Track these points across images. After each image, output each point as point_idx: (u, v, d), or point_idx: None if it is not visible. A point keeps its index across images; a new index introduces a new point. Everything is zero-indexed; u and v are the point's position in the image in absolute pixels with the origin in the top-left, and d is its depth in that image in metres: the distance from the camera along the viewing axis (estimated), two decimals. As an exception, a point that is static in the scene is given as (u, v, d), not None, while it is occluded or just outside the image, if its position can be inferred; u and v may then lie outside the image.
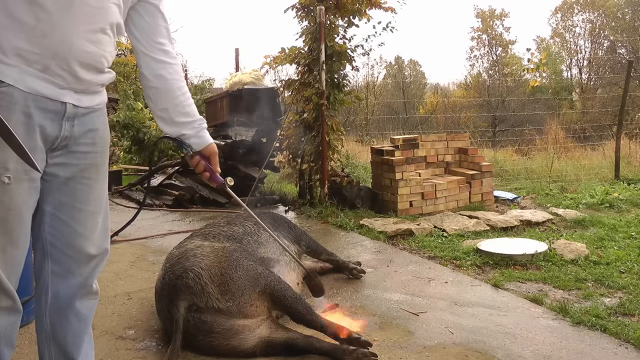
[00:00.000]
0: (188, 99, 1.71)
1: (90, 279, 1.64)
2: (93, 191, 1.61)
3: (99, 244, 1.64)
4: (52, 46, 1.39)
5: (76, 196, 1.56)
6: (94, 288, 1.68)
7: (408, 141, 5.61)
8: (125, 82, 13.35)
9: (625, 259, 3.62)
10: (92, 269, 1.64)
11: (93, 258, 1.63)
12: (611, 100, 17.55)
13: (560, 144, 9.81)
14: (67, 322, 1.61)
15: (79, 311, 1.63)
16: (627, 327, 2.51)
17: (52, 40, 1.38)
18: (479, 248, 3.83)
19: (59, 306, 1.59)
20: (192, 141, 1.73)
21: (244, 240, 2.64)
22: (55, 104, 1.45)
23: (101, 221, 1.64)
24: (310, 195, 5.77)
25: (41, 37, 1.37)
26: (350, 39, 5.77)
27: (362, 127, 13.13)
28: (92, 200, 1.60)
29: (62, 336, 1.61)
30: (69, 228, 1.56)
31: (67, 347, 1.62)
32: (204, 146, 1.75)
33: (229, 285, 2.25)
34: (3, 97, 1.35)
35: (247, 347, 2.22)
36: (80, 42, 1.44)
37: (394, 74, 32.52)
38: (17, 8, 1.33)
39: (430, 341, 2.41)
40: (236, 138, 6.62)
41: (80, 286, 1.61)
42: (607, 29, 30.36)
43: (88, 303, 1.66)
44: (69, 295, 1.59)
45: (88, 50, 1.46)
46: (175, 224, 5.08)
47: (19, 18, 1.34)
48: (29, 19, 1.34)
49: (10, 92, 1.36)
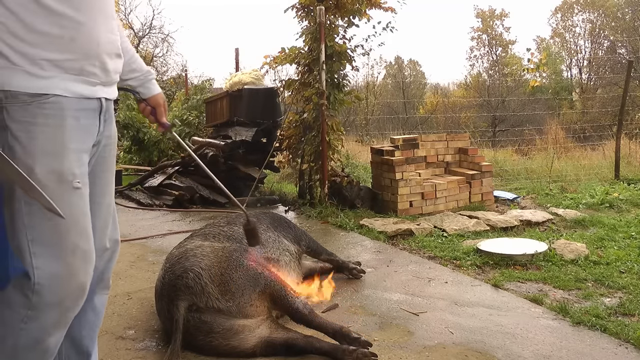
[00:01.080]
0: (132, 57, 1.78)
1: (107, 272, 1.68)
2: (109, 183, 1.66)
3: (111, 235, 1.68)
4: (82, 48, 1.43)
5: (95, 190, 1.59)
6: (109, 282, 1.72)
7: (408, 141, 5.61)
8: (125, 82, 13.35)
9: (625, 259, 3.62)
10: (106, 262, 1.67)
11: (106, 250, 1.66)
12: (611, 100, 17.54)
13: (560, 144, 9.81)
14: (85, 318, 1.64)
15: (96, 306, 1.67)
16: (627, 327, 2.51)
17: (81, 42, 1.43)
18: (479, 248, 3.83)
19: None
20: (139, 90, 1.83)
21: (244, 240, 2.64)
22: (93, 102, 1.50)
23: (113, 212, 1.69)
24: (310, 195, 5.77)
25: (70, 43, 1.41)
26: (350, 39, 5.77)
27: (362, 127, 13.13)
28: (108, 193, 1.66)
29: (78, 332, 1.63)
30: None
31: (82, 341, 1.65)
32: (149, 96, 1.84)
33: (229, 285, 2.25)
34: (52, 106, 1.39)
35: (247, 347, 2.22)
36: (103, 35, 1.49)
37: (394, 74, 32.52)
38: (38, 22, 1.36)
39: (430, 341, 2.41)
40: (236, 138, 6.62)
41: (98, 281, 1.65)
42: (607, 29, 30.35)
43: (103, 298, 1.71)
44: (89, 292, 1.61)
45: (110, 41, 1.52)
46: (175, 224, 5.08)
47: (43, 32, 1.37)
48: (54, 30, 1.38)
49: (58, 101, 1.40)
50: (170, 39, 25.90)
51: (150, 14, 36.59)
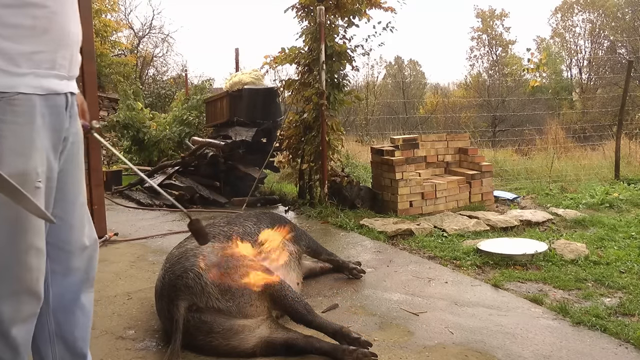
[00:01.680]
0: None
1: (91, 271, 1.67)
2: (82, 181, 1.64)
3: (89, 233, 1.66)
4: (55, 39, 1.41)
5: (70, 189, 1.58)
6: (94, 281, 1.71)
7: (408, 141, 5.61)
8: (125, 82, 13.36)
9: (625, 259, 3.62)
10: (88, 261, 1.66)
11: (86, 249, 1.65)
12: (611, 100, 17.56)
13: (560, 144, 9.81)
14: (74, 318, 1.63)
15: (84, 305, 1.66)
16: (627, 327, 2.51)
17: (54, 33, 1.41)
18: (479, 248, 3.83)
19: (64, 304, 1.61)
20: None
21: (244, 240, 2.64)
22: (61, 98, 1.48)
23: (87, 210, 1.68)
24: (310, 195, 5.77)
25: (43, 34, 1.38)
26: (350, 39, 5.78)
27: (362, 127, 13.13)
28: (81, 192, 1.64)
29: (70, 333, 1.62)
30: (66, 224, 1.58)
31: (76, 343, 1.64)
32: None
33: (229, 285, 2.25)
34: (23, 104, 1.37)
35: (247, 347, 2.22)
36: (72, 25, 1.48)
37: (394, 74, 32.56)
38: (9, 14, 1.33)
39: (430, 341, 2.41)
40: (236, 138, 6.63)
41: (83, 280, 1.64)
42: (607, 29, 30.36)
43: (90, 296, 1.69)
44: (74, 292, 1.61)
45: (77, 32, 1.52)
46: (175, 224, 5.08)
47: (16, 24, 1.34)
48: (26, 21, 1.35)
49: (29, 98, 1.38)
50: (170, 39, 25.99)
51: (150, 14, 36.67)
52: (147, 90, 15.31)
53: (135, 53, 21.78)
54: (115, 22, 19.97)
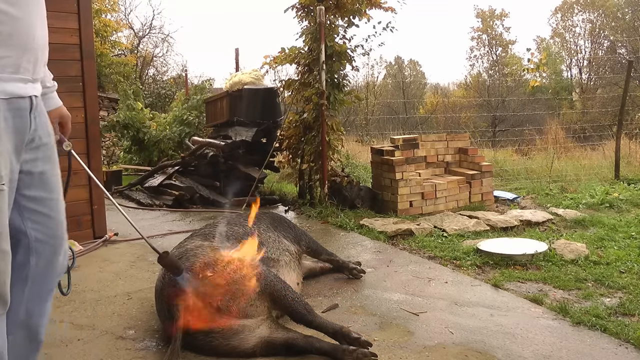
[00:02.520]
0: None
1: (65, 260, 1.71)
2: (59, 179, 1.68)
3: (65, 226, 1.71)
4: (20, 44, 1.42)
5: (50, 188, 1.63)
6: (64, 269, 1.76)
7: (408, 141, 5.61)
8: (125, 82, 13.35)
9: (625, 259, 3.62)
10: (64, 252, 1.70)
11: (65, 241, 1.70)
12: (611, 100, 17.55)
13: (560, 144, 9.81)
14: (45, 308, 1.67)
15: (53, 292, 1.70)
16: (627, 327, 2.51)
17: (19, 38, 1.42)
18: (479, 248, 3.83)
19: (40, 295, 1.64)
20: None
21: (243, 240, 2.64)
22: (25, 101, 1.50)
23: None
24: (310, 195, 5.77)
25: (8, 39, 1.40)
26: (350, 39, 5.77)
27: (362, 127, 13.13)
28: (59, 189, 1.68)
29: (36, 322, 1.65)
30: (52, 220, 1.62)
31: (38, 329, 1.67)
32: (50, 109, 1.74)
33: (229, 285, 2.25)
34: None
35: (247, 347, 2.22)
36: (38, 30, 1.50)
37: (394, 74, 32.54)
38: None
39: (430, 341, 2.41)
40: (236, 138, 6.62)
41: (61, 271, 1.69)
42: (607, 29, 30.36)
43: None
44: (53, 282, 1.67)
45: (43, 35, 1.53)
46: (175, 224, 5.08)
47: None
48: None
49: None
50: (170, 39, 25.96)
51: (150, 14, 36.64)
52: (147, 90, 15.30)
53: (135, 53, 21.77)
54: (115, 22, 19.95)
